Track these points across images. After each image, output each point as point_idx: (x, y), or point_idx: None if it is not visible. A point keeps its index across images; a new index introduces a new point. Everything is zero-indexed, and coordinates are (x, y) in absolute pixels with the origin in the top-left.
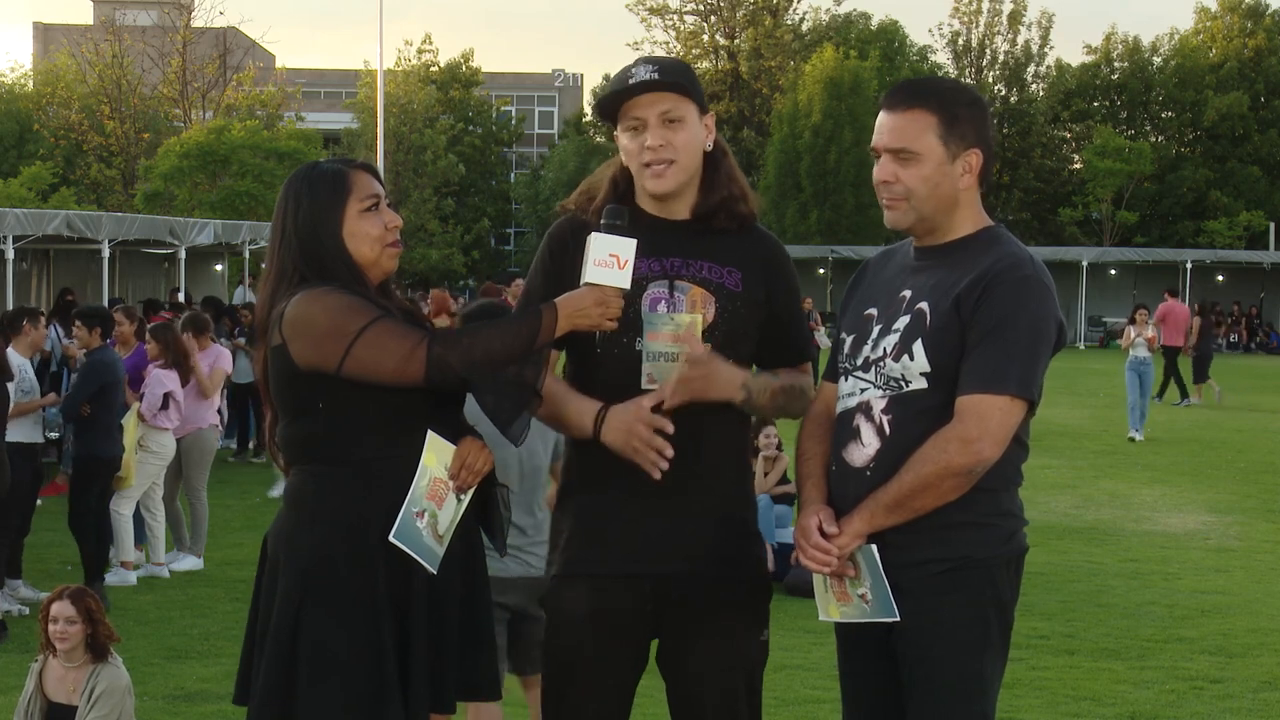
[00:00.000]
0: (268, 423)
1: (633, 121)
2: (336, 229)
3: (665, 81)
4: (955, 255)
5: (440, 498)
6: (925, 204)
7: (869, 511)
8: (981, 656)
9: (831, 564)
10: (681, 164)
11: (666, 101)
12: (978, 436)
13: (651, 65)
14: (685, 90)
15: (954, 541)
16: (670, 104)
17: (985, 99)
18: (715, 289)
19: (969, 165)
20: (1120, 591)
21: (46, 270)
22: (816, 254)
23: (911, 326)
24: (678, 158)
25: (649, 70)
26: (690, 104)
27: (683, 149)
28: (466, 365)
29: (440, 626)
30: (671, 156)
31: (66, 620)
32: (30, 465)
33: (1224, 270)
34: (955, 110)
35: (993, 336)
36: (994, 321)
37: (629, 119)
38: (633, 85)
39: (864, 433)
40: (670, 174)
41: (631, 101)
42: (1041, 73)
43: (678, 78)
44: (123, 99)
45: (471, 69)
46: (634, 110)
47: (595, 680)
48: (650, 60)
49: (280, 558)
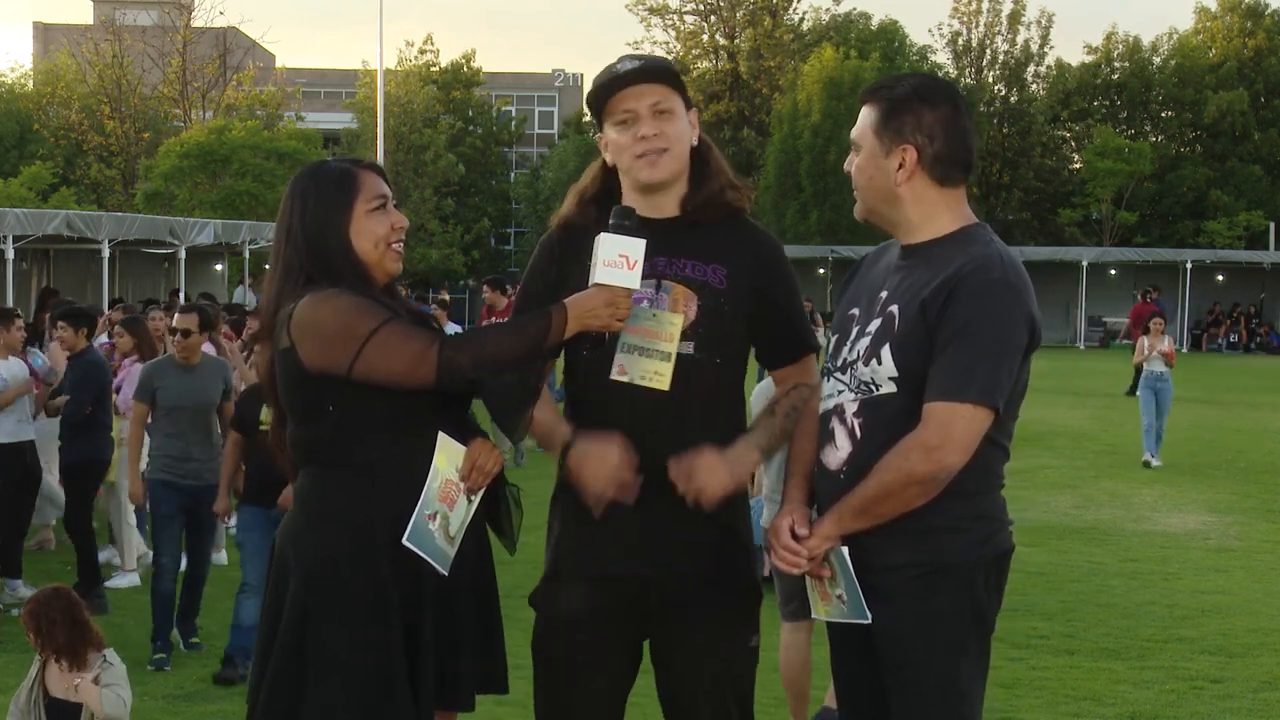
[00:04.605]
0: (272, 424)
1: (623, 115)
2: (343, 228)
3: (654, 70)
4: (931, 255)
5: (452, 499)
6: (866, 195)
7: (837, 515)
8: (958, 660)
9: (801, 565)
10: (675, 153)
11: (656, 93)
12: (939, 444)
13: (635, 60)
14: (672, 83)
15: (929, 546)
16: (660, 95)
17: (953, 98)
18: (698, 287)
19: (903, 160)
20: (1120, 591)
21: (46, 270)
22: (816, 254)
23: (881, 330)
24: (671, 146)
25: (634, 63)
26: (678, 97)
27: (675, 139)
28: (477, 367)
29: (452, 625)
30: (665, 145)
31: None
32: (20, 464)
33: (1224, 270)
34: (895, 104)
35: (957, 342)
36: (957, 327)
37: (619, 113)
38: (624, 74)
39: (838, 435)
40: (664, 162)
41: (620, 95)
42: (1041, 73)
43: (663, 71)
44: (123, 99)
45: (473, 69)
46: (624, 103)
47: (586, 682)
48: (634, 56)
49: (289, 558)
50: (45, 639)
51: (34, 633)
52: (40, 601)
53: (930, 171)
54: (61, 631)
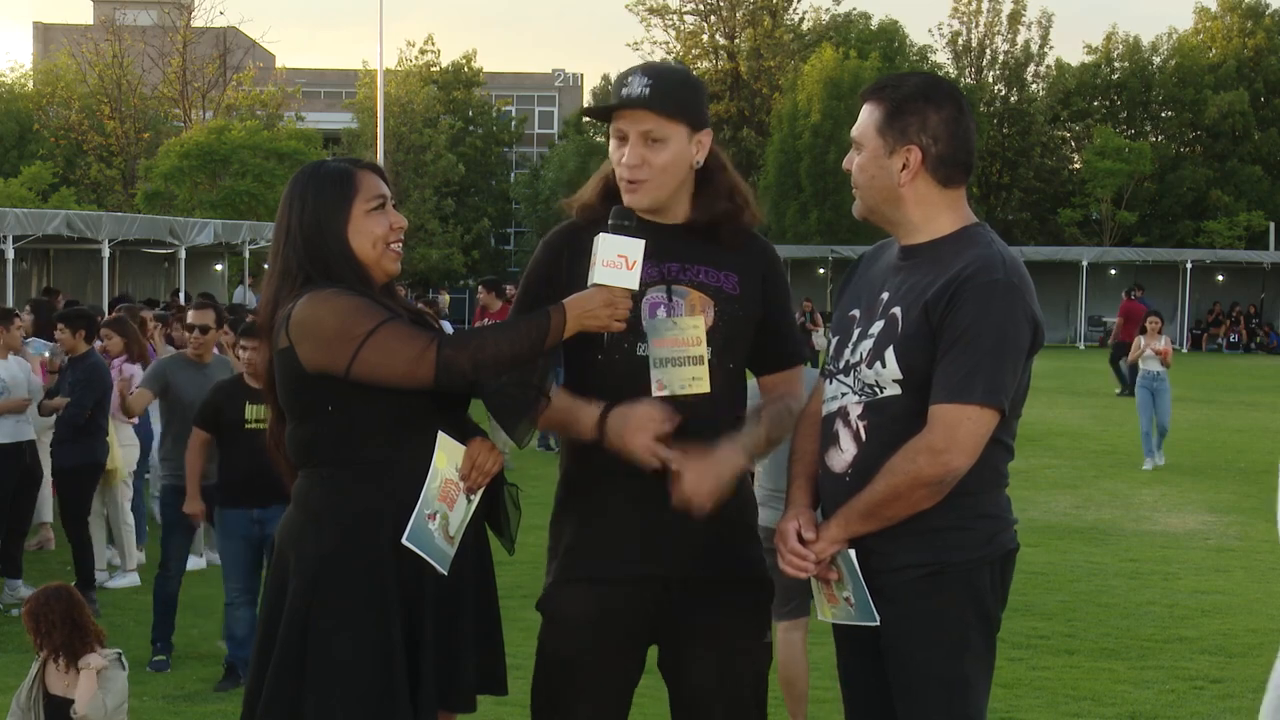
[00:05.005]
0: (270, 424)
1: (618, 132)
2: (342, 228)
3: (652, 102)
4: (932, 256)
5: (451, 499)
6: (867, 195)
7: (844, 518)
8: (961, 659)
9: (808, 569)
10: (655, 183)
11: (650, 121)
12: (945, 447)
13: (647, 79)
14: (673, 112)
15: (932, 546)
16: (653, 124)
17: (957, 99)
18: (714, 293)
19: (907, 161)
20: (1120, 591)
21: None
22: (816, 254)
23: (885, 332)
24: (651, 178)
25: (643, 84)
26: (676, 125)
27: (659, 170)
28: (476, 367)
29: (453, 626)
30: (645, 177)
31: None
32: (17, 464)
33: (1224, 270)
34: (900, 104)
35: (960, 344)
36: (961, 328)
37: (615, 128)
38: (624, 98)
39: (842, 438)
40: (642, 192)
41: (618, 112)
42: (1041, 72)
43: (668, 98)
44: (123, 99)
45: (473, 69)
46: (619, 121)
47: (593, 686)
48: (650, 72)
49: (289, 558)
50: (44, 638)
51: (33, 631)
52: (41, 600)
53: (934, 173)
54: (61, 631)
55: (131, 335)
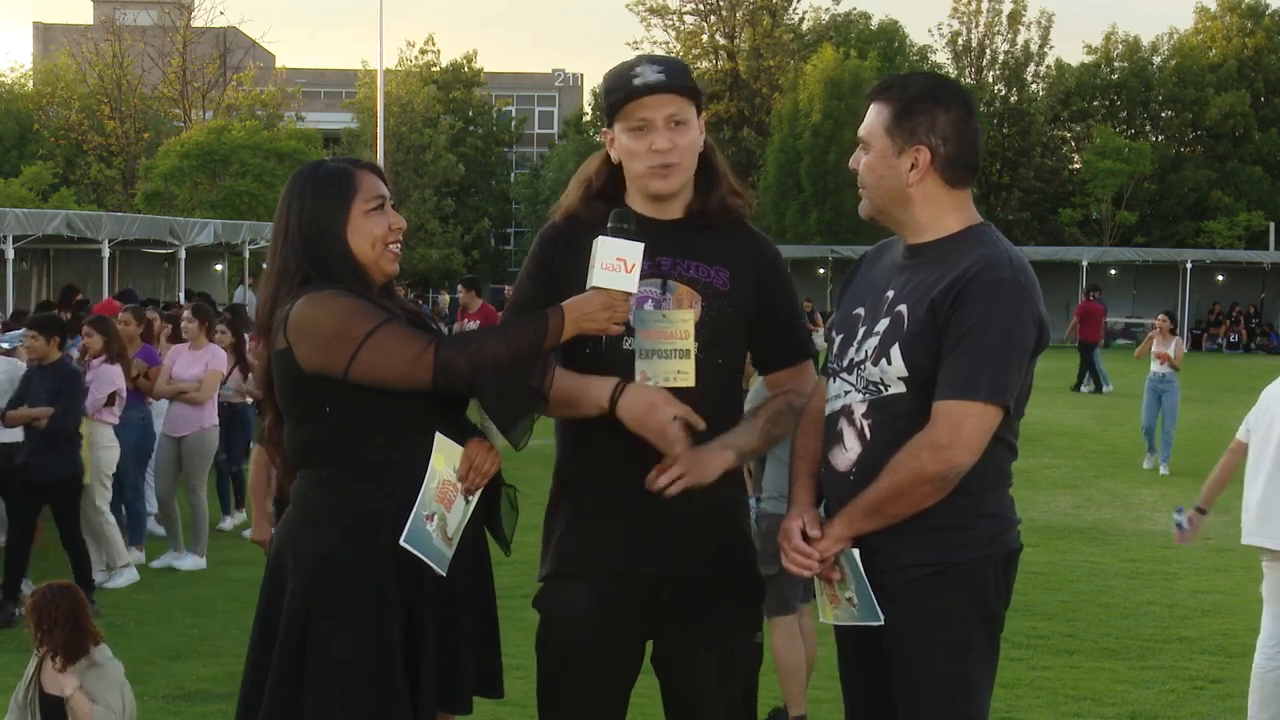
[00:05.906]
0: (268, 425)
1: (638, 122)
2: (340, 229)
3: (674, 84)
4: (938, 254)
5: (449, 500)
6: (874, 195)
7: (848, 517)
8: (965, 659)
9: (813, 567)
10: (685, 165)
11: (674, 104)
12: (949, 443)
13: (657, 66)
14: (688, 94)
15: (936, 545)
16: (677, 107)
17: (965, 99)
18: (702, 288)
19: (916, 161)
20: (1120, 591)
21: (46, 270)
22: (816, 254)
23: (890, 330)
24: (681, 160)
25: (655, 71)
26: (692, 107)
27: (687, 152)
28: (474, 369)
29: (452, 627)
30: (677, 160)
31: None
32: (8, 465)
33: (1224, 270)
34: (909, 104)
35: (966, 342)
36: (967, 326)
37: (634, 119)
38: (644, 86)
39: (846, 436)
40: (675, 176)
41: (638, 102)
42: (1041, 73)
43: (684, 79)
44: (123, 99)
45: (473, 69)
46: (640, 111)
47: (591, 681)
48: (654, 60)
49: (287, 559)
50: (45, 634)
51: (35, 626)
52: (46, 596)
53: (942, 173)
54: (62, 630)
55: (112, 335)
